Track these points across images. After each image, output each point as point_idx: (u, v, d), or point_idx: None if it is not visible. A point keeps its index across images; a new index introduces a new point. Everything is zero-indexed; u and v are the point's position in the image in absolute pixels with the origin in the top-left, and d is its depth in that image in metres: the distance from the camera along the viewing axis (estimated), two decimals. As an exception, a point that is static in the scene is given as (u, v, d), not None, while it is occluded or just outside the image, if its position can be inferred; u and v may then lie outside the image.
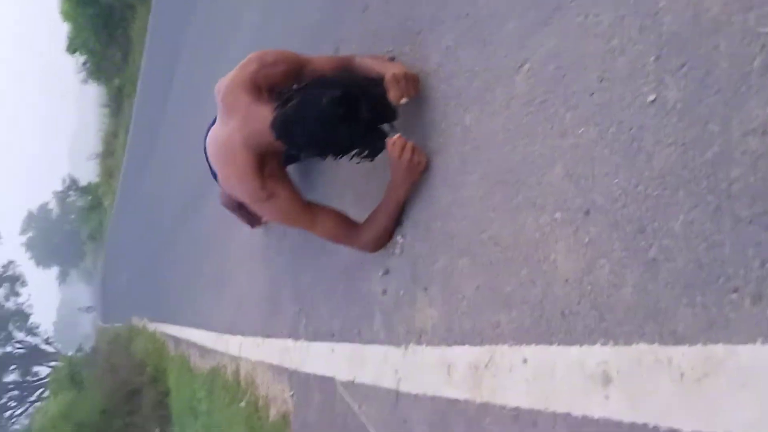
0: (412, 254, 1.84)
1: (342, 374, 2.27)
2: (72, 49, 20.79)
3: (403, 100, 1.75)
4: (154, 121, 10.17)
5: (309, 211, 1.97)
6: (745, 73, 0.92)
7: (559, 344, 1.26)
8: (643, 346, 1.08)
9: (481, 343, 1.50)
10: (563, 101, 1.26)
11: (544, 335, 1.29)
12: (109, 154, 24.72)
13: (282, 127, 1.77)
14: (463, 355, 1.56)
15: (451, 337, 1.62)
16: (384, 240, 1.94)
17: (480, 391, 1.49)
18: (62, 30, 21.34)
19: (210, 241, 4.88)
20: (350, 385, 2.18)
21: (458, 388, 1.57)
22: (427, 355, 1.73)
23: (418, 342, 1.78)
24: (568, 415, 1.23)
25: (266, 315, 3.27)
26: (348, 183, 2.28)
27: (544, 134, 1.31)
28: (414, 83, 1.76)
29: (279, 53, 2.02)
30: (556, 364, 1.26)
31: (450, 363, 1.62)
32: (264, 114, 1.86)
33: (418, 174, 1.76)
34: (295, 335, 2.80)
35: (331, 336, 2.40)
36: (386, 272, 1.98)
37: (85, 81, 24.29)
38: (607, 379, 1.15)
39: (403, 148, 1.73)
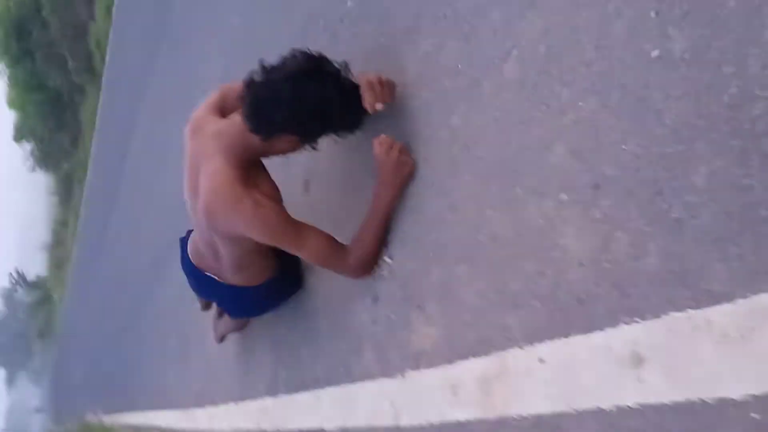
0: (403, 274, 1.74)
1: (332, 422, 2.11)
2: (19, 137, 20.53)
3: (379, 106, 1.70)
4: (107, 203, 9.94)
5: (297, 227, 1.86)
6: (755, 7, 0.89)
7: (578, 334, 1.17)
8: (675, 315, 1.00)
9: (489, 351, 1.39)
10: (558, 79, 1.22)
11: (561, 328, 1.20)
12: (59, 243, 24.08)
13: (251, 106, 1.69)
14: (470, 369, 1.45)
15: (454, 353, 1.51)
16: (372, 261, 1.84)
17: (493, 406, 1.37)
18: (9, 118, 21.11)
19: (174, 313, 4.65)
20: (342, 432, 2.02)
21: (467, 407, 1.45)
22: (428, 378, 1.61)
23: (416, 366, 1.66)
24: (598, 410, 1.12)
25: (238, 375, 3.07)
26: (326, 211, 2.19)
27: (540, 117, 1.26)
28: (390, 89, 1.71)
29: (240, 80, 1.98)
30: (577, 357, 1.17)
31: (455, 382, 1.50)
32: (235, 119, 1.80)
33: (406, 174, 1.69)
34: (273, 390, 2.61)
35: (315, 382, 2.24)
36: (375, 299, 1.87)
37: (32, 169, 23.88)
38: (638, 360, 1.06)
39: (390, 146, 1.67)
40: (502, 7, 1.37)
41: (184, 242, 2.37)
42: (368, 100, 1.69)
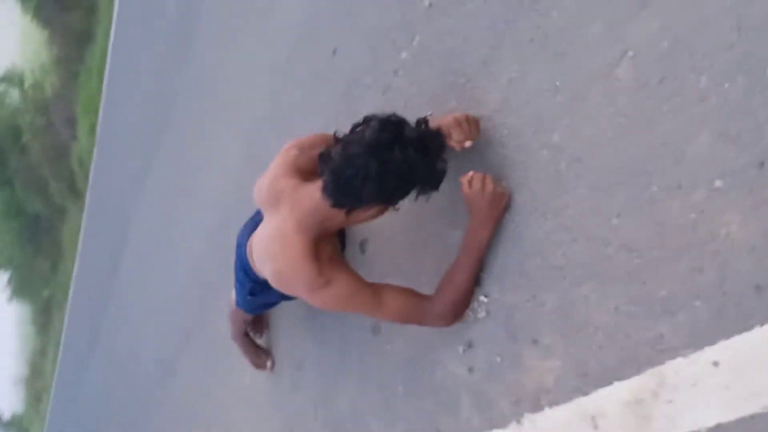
0: (504, 310, 1.63)
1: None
2: (-5, 267, 20.12)
3: (468, 143, 1.66)
4: (95, 315, 9.58)
5: (372, 291, 1.76)
6: None
7: (762, 325, 1.07)
8: None
9: (639, 371, 1.28)
10: (690, 68, 1.19)
11: (737, 322, 1.11)
12: (37, 375, 23.05)
13: (334, 183, 1.61)
14: (613, 395, 1.33)
15: (588, 382, 1.39)
16: (463, 305, 1.73)
17: (650, 428, 1.24)
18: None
19: (195, 403, 4.35)
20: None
21: (614, 438, 1.32)
22: (554, 417, 1.47)
23: (536, 408, 1.52)
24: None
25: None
26: (390, 266, 2.10)
27: (672, 110, 1.22)
28: (476, 125, 1.68)
29: (316, 136, 1.94)
30: (764, 351, 1.07)
31: (594, 412, 1.37)
32: (312, 191, 1.72)
33: (503, 207, 1.62)
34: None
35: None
36: (469, 345, 1.75)
37: (9, 300, 23.24)
38: None
39: (482, 180, 1.60)
40: (603, 16, 1.36)
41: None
42: (456, 138, 1.65)
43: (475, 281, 1.71)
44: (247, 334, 2.89)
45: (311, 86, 2.73)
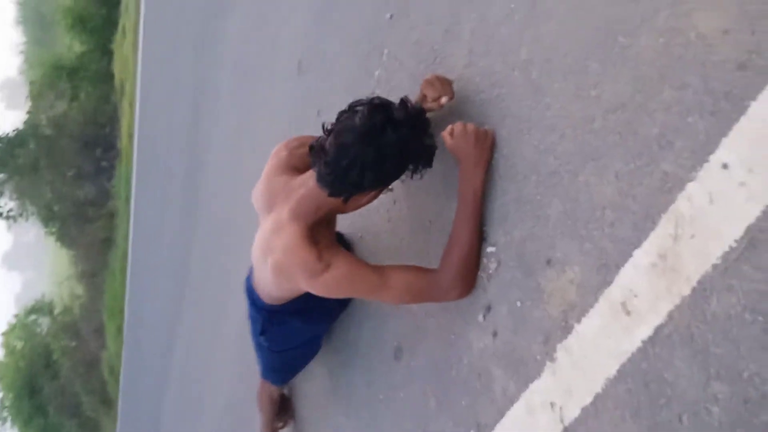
0: (513, 249, 1.53)
1: None
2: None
3: (444, 99, 1.67)
4: None
5: (376, 271, 1.67)
6: None
7: (755, 99, 1.00)
8: None
9: (655, 223, 1.16)
10: None
11: (732, 111, 1.03)
12: None
13: (332, 174, 1.60)
14: (636, 267, 1.20)
15: (609, 270, 1.26)
16: (474, 266, 1.62)
17: (682, 278, 1.11)
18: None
19: None
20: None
21: (653, 307, 1.16)
22: (585, 331, 1.32)
23: (566, 332, 1.36)
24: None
25: None
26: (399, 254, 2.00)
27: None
28: (448, 83, 1.70)
29: (303, 136, 1.95)
30: (766, 124, 0.99)
31: (622, 299, 1.22)
32: (305, 179, 1.72)
33: (489, 146, 1.58)
34: None
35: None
36: (488, 309, 1.62)
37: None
38: None
39: (462, 127, 1.59)
40: None
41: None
42: (432, 97, 1.68)
43: (480, 236, 1.63)
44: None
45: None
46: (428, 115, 1.65)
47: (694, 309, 1.09)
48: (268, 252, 1.76)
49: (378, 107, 1.57)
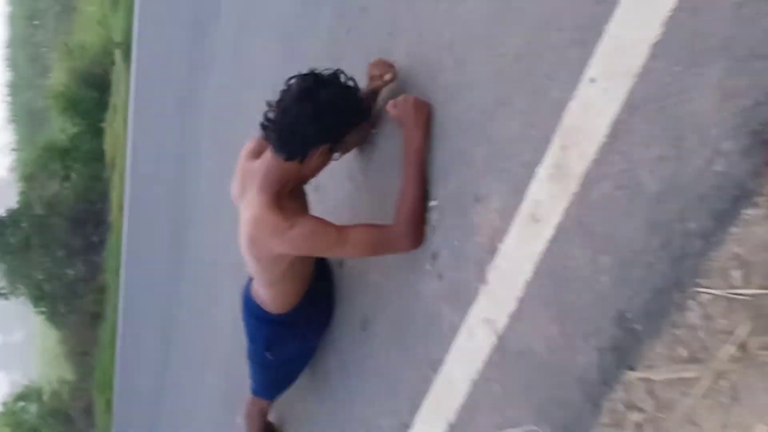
0: (450, 200, 1.77)
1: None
2: None
3: (388, 76, 1.97)
4: None
5: (337, 229, 1.90)
6: None
7: (608, 22, 1.28)
8: None
9: (548, 140, 1.42)
10: None
11: (592, 35, 1.31)
12: None
13: (280, 137, 1.86)
14: (539, 180, 1.44)
15: (518, 187, 1.50)
16: (422, 219, 1.85)
17: (575, 181, 1.35)
18: None
19: None
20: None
21: (552, 211, 1.40)
22: (507, 249, 1.55)
23: (492, 254, 1.59)
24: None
25: None
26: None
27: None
28: (390, 64, 1.99)
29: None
30: (620, 39, 1.26)
31: (531, 210, 1.46)
32: (265, 156, 1.96)
33: (426, 111, 1.84)
34: None
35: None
36: (434, 257, 1.83)
37: None
38: None
39: (403, 97, 1.86)
40: None
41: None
42: (377, 74, 1.97)
43: (425, 193, 1.86)
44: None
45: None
46: (376, 93, 1.94)
47: (582, 200, 1.33)
48: (245, 229, 1.97)
49: (308, 74, 1.87)
